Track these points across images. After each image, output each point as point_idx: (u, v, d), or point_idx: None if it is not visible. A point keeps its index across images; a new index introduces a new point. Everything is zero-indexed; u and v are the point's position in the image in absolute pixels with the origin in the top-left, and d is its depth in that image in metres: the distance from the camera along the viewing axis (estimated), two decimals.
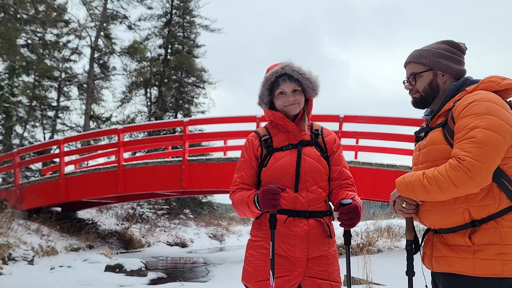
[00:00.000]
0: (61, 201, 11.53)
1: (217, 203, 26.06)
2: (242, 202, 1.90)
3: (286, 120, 1.97)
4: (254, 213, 1.89)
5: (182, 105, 25.55)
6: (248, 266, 1.93)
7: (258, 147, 1.99)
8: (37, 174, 18.42)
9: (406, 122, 8.61)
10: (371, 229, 15.50)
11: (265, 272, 1.85)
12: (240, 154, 2.06)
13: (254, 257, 1.92)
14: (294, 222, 1.86)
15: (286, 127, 1.98)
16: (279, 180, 1.88)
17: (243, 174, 1.99)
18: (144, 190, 10.78)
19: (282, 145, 1.96)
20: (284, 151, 1.94)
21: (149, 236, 15.08)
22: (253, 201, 1.85)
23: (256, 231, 1.97)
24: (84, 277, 7.17)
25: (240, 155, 2.05)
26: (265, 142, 1.98)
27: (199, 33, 26.13)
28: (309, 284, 1.86)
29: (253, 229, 2.00)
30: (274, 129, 2.02)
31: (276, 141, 1.98)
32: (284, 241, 1.87)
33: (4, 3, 13.19)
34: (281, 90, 1.97)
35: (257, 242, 1.94)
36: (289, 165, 1.90)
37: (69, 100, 22.76)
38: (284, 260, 1.86)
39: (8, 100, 13.26)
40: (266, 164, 1.95)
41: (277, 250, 1.87)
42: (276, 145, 1.97)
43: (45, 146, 14.85)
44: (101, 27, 20.84)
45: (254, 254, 1.92)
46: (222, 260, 11.51)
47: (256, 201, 1.83)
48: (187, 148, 10.12)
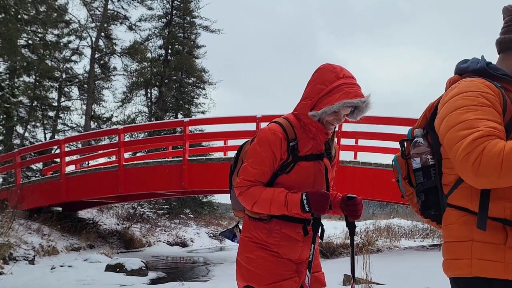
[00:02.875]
0: (61, 201, 11.57)
1: (217, 202, 26.12)
2: (273, 199, 1.77)
3: (324, 136, 1.89)
4: (281, 212, 1.80)
5: (183, 105, 25.59)
6: (257, 269, 1.86)
7: (285, 151, 1.84)
8: (38, 174, 18.46)
9: (405, 122, 8.62)
10: (370, 228, 15.54)
11: (277, 275, 1.84)
12: (260, 144, 1.85)
13: (264, 259, 1.86)
14: (303, 230, 1.89)
15: (317, 139, 1.89)
16: (299, 190, 1.81)
17: (263, 171, 1.83)
18: (145, 190, 10.81)
19: (307, 154, 1.87)
20: (308, 161, 1.87)
21: (150, 236, 15.11)
22: (298, 203, 1.75)
23: (265, 236, 1.88)
24: (84, 276, 7.20)
25: (261, 146, 1.85)
26: (292, 148, 1.85)
27: (199, 33, 26.22)
28: (312, 280, 1.91)
29: (259, 232, 1.90)
30: (301, 131, 1.88)
31: (302, 147, 1.87)
32: (293, 247, 1.88)
33: (5, 3, 13.22)
34: (338, 111, 1.84)
35: (266, 247, 1.87)
36: (313, 178, 1.87)
37: (69, 100, 22.84)
38: (292, 263, 1.90)
39: (9, 101, 13.29)
40: (288, 171, 1.85)
41: (287, 254, 1.87)
42: (301, 152, 1.86)
43: (46, 146, 14.89)
44: (102, 28, 20.88)
45: (264, 256, 1.86)
46: (222, 259, 11.54)
47: (306, 202, 1.74)
48: (187, 148, 10.15)
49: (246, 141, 2.13)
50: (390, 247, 11.27)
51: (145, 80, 23.78)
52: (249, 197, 1.82)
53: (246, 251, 1.92)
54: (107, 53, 22.03)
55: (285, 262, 1.87)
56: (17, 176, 12.06)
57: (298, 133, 1.87)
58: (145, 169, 10.47)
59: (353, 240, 2.02)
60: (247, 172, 1.85)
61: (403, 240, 13.94)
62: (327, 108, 1.78)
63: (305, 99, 1.87)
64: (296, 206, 1.75)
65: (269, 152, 1.83)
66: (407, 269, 6.18)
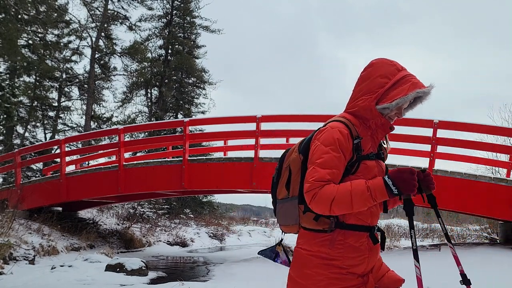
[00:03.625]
0: (62, 201, 11.57)
1: (217, 202, 26.12)
2: (352, 191, 1.61)
3: (386, 131, 1.82)
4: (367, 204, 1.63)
5: (183, 105, 25.60)
6: (315, 286, 1.70)
7: (350, 150, 1.73)
8: (38, 174, 18.47)
9: (404, 122, 8.62)
10: None
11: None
12: (327, 144, 1.72)
13: (324, 276, 1.70)
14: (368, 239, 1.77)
15: (375, 137, 1.83)
16: None
17: (335, 172, 1.68)
18: (145, 190, 10.82)
19: (368, 153, 1.78)
20: (371, 160, 1.78)
21: (150, 236, 15.12)
22: (382, 186, 1.59)
23: (327, 248, 1.71)
24: (85, 276, 7.21)
25: (328, 146, 1.72)
26: (356, 146, 1.74)
27: (199, 33, 26.22)
28: (385, 281, 1.85)
29: (319, 245, 1.73)
30: (361, 129, 1.79)
31: (363, 145, 1.77)
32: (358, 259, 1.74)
33: (5, 3, 13.22)
34: (401, 106, 1.78)
35: (329, 261, 1.71)
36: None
37: (70, 100, 22.84)
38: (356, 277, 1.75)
39: (9, 101, 13.30)
40: (354, 171, 1.73)
41: (352, 268, 1.73)
42: (364, 150, 1.77)
43: (46, 146, 14.90)
44: (102, 28, 20.89)
45: (325, 274, 1.70)
46: (223, 259, 11.54)
47: (392, 184, 1.59)
48: (187, 148, 10.15)
49: (287, 150, 1.99)
50: (390, 247, 11.27)
51: (145, 80, 23.79)
52: (325, 197, 1.63)
53: (303, 266, 1.75)
54: (107, 53, 22.04)
55: (348, 278, 1.72)
56: (17, 176, 12.06)
57: (359, 130, 1.78)
58: (145, 169, 10.47)
59: (439, 212, 1.93)
60: (317, 173, 1.67)
61: (403, 240, 13.94)
62: (401, 99, 1.71)
63: (366, 94, 1.77)
64: (381, 190, 1.60)
65: (338, 152, 1.70)
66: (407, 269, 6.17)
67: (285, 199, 1.88)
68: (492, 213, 8.24)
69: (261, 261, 9.05)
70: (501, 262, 6.37)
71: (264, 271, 7.71)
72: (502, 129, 9.75)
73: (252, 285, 6.49)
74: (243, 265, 8.69)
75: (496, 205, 7.86)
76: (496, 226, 10.34)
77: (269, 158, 9.55)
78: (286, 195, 1.87)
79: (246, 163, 9.56)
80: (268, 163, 9.44)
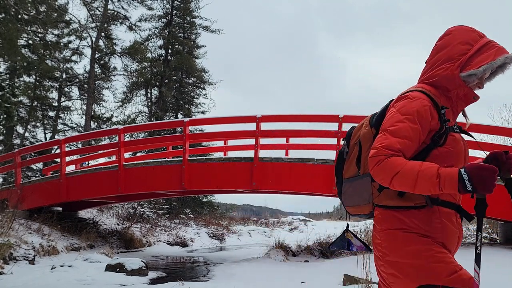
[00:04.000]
0: (62, 201, 11.58)
1: (217, 202, 26.10)
2: (420, 171, 1.47)
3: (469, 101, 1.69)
4: (428, 190, 1.48)
5: (183, 105, 25.60)
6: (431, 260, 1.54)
7: (437, 121, 1.60)
8: (38, 174, 18.47)
9: None
10: (370, 228, 15.48)
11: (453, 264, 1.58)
12: (404, 113, 1.60)
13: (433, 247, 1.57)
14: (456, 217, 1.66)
15: (454, 110, 1.70)
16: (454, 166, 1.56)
17: (407, 142, 1.55)
18: (145, 190, 10.82)
19: (452, 125, 1.65)
20: (455, 132, 1.65)
21: (150, 236, 15.11)
22: (455, 178, 1.43)
23: (425, 225, 1.59)
24: (85, 276, 7.20)
25: (404, 115, 1.59)
26: (443, 116, 1.61)
27: (199, 34, 26.22)
28: None
29: (415, 221, 1.59)
30: (443, 99, 1.66)
31: (448, 116, 1.64)
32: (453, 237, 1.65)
33: (5, 3, 13.22)
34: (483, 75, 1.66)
35: (430, 238, 1.59)
36: (464, 152, 1.67)
37: (70, 100, 22.84)
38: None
39: (9, 101, 13.30)
40: (442, 144, 1.60)
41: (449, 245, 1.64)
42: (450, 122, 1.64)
43: (46, 146, 14.90)
44: (102, 28, 20.89)
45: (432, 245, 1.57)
46: (223, 259, 11.53)
47: (468, 179, 1.43)
48: (187, 148, 10.15)
49: (352, 127, 1.91)
50: None
51: (145, 80, 23.79)
52: (389, 167, 1.50)
53: (405, 243, 1.58)
54: (107, 53, 22.04)
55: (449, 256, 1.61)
56: (17, 176, 12.07)
57: (441, 101, 1.65)
58: (145, 169, 10.47)
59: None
60: (387, 140, 1.55)
61: None
62: (488, 65, 1.59)
63: (446, 63, 1.65)
64: (452, 182, 1.44)
65: (415, 123, 1.57)
66: None
67: (354, 177, 1.78)
68: (492, 213, 8.24)
69: (261, 261, 9.05)
70: (501, 262, 6.37)
71: (264, 271, 7.71)
72: (502, 129, 9.75)
73: (252, 285, 6.49)
74: (243, 265, 8.69)
75: (496, 205, 7.84)
76: (496, 226, 10.34)
77: (269, 158, 9.56)
78: (356, 172, 1.77)
79: (246, 163, 9.56)
80: (268, 163, 9.45)
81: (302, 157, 9.42)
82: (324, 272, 7.19)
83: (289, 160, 9.55)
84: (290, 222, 28.06)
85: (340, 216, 35.44)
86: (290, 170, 9.36)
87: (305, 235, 12.08)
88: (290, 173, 9.36)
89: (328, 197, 10.32)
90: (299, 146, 11.93)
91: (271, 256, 9.44)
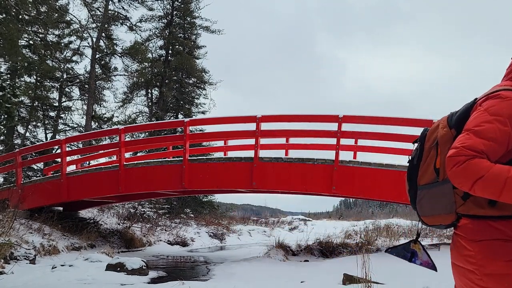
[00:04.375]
0: (62, 201, 11.61)
1: (217, 202, 26.12)
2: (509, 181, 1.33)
3: None
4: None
5: (183, 105, 25.62)
6: None
7: None
8: (39, 173, 18.51)
9: (404, 122, 8.66)
10: (370, 228, 15.54)
11: None
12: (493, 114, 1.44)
13: None
14: None
15: None
16: None
17: (492, 145, 1.40)
18: (145, 189, 10.85)
19: None
20: None
21: (150, 235, 15.14)
22: None
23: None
24: (85, 276, 7.22)
25: (493, 115, 1.44)
26: None
27: (199, 34, 26.23)
28: None
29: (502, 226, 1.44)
30: None
31: None
32: None
33: (6, 4, 13.26)
34: None
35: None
36: None
37: (70, 100, 22.87)
38: None
39: (10, 101, 13.31)
40: None
41: None
42: None
43: (47, 146, 14.94)
44: (103, 28, 20.92)
45: None
46: (223, 259, 11.55)
47: None
48: (187, 148, 10.18)
49: (426, 129, 1.72)
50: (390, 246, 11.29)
51: (145, 81, 23.82)
52: (472, 170, 1.36)
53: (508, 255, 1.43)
54: (107, 54, 22.08)
55: None
56: (18, 176, 12.10)
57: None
58: (146, 169, 10.50)
59: None
60: (469, 140, 1.41)
61: (402, 239, 13.95)
62: None
63: None
64: None
65: (505, 126, 1.41)
66: (406, 268, 6.20)
67: (432, 183, 1.60)
68: None
69: (261, 261, 9.08)
70: None
71: (264, 271, 7.74)
72: None
73: (252, 284, 6.51)
74: (243, 265, 8.72)
75: None
76: None
77: (269, 158, 9.58)
78: (435, 178, 1.60)
79: (246, 163, 9.59)
80: (268, 163, 9.48)
81: (302, 157, 9.45)
82: (324, 271, 7.22)
83: (289, 160, 9.57)
84: (290, 222, 28.04)
85: (340, 216, 35.41)
86: (290, 170, 9.38)
87: (305, 235, 12.12)
88: (290, 173, 9.38)
89: (328, 196, 10.34)
90: (299, 146, 11.96)
91: (271, 255, 9.46)
